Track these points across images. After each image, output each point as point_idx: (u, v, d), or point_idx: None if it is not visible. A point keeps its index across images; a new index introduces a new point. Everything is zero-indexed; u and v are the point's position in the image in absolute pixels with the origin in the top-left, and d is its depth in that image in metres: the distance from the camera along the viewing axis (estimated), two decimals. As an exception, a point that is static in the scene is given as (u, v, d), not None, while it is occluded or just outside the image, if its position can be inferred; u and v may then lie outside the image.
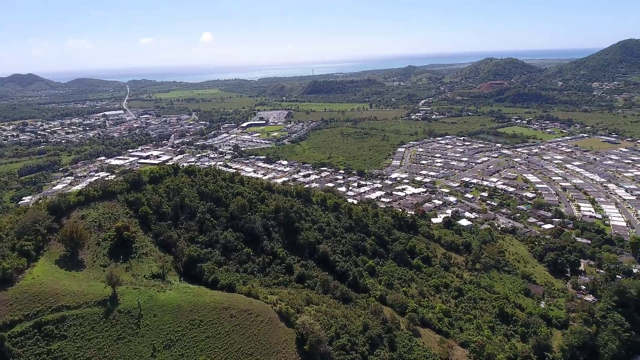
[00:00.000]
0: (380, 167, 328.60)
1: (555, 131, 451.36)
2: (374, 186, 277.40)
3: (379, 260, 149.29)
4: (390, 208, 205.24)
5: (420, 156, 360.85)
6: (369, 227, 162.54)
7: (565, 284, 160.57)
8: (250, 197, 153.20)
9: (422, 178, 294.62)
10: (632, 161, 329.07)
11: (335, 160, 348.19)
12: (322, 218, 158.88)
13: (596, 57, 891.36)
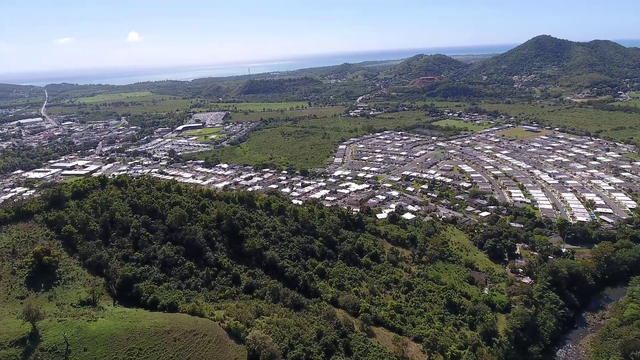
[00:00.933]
0: (322, 166, 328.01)
1: (483, 122, 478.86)
2: (318, 185, 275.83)
3: (328, 261, 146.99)
4: (335, 207, 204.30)
5: (361, 152, 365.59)
6: (316, 228, 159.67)
7: (504, 269, 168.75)
8: (189, 206, 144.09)
9: (365, 174, 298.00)
10: (552, 148, 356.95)
11: (277, 160, 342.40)
12: (268, 223, 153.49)
13: (514, 52, 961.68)
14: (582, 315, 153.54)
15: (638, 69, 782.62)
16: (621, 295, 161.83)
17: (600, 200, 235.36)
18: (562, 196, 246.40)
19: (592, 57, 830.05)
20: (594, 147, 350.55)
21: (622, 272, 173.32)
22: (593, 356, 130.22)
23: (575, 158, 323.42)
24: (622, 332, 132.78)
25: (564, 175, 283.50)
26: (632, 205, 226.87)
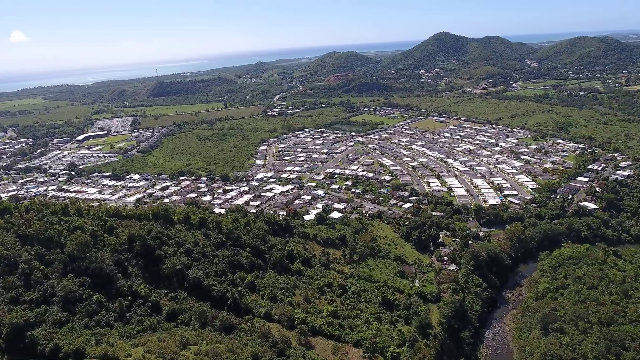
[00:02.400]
0: (244, 169, 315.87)
1: (397, 116, 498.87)
2: (241, 190, 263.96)
3: (258, 272, 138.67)
4: (261, 212, 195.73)
5: (283, 152, 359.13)
6: (242, 238, 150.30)
7: (431, 258, 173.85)
8: (93, 229, 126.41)
9: (288, 175, 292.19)
10: (460, 137, 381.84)
11: (195, 166, 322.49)
12: (188, 238, 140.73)
13: (419, 48, 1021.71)
14: (503, 294, 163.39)
15: (523, 62, 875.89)
16: (533, 271, 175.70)
17: (506, 184, 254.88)
18: (474, 182, 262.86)
19: (486, 52, 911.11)
20: (496, 134, 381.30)
21: (532, 248, 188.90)
22: (516, 332, 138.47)
23: (481, 145, 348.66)
24: (539, 306, 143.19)
25: (473, 162, 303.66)
26: (533, 186, 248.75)
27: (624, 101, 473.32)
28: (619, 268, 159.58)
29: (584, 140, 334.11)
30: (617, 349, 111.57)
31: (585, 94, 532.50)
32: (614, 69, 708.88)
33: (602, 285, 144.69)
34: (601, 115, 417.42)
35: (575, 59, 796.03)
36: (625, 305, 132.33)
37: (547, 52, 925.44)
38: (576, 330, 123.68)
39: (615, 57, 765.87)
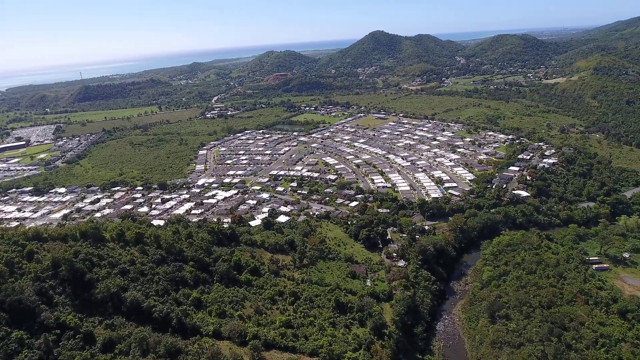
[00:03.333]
0: (183, 175, 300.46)
1: (338, 114, 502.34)
2: (181, 198, 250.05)
3: (204, 287, 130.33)
4: (204, 221, 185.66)
5: (224, 156, 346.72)
6: (185, 252, 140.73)
7: (380, 256, 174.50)
8: (8, 257, 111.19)
9: (231, 179, 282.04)
10: (400, 132, 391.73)
11: (129, 175, 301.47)
12: (123, 257, 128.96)
13: (356, 46, 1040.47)
14: (450, 285, 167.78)
15: (453, 58, 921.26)
16: (476, 260, 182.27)
17: (446, 176, 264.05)
18: (416, 176, 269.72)
19: (419, 50, 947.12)
20: (433, 129, 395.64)
21: (473, 238, 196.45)
22: (466, 322, 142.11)
23: (420, 140, 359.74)
24: (485, 295, 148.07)
25: (414, 157, 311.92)
26: (470, 177, 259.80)
27: (544, 94, 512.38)
28: (552, 251, 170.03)
29: (512, 132, 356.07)
30: (558, 330, 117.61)
31: (510, 88, 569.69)
32: (533, 64, 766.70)
33: (540, 270, 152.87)
34: (525, 108, 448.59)
35: (499, 55, 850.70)
36: (561, 287, 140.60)
37: (474, 49, 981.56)
38: (520, 316, 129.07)
39: (533, 53, 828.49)
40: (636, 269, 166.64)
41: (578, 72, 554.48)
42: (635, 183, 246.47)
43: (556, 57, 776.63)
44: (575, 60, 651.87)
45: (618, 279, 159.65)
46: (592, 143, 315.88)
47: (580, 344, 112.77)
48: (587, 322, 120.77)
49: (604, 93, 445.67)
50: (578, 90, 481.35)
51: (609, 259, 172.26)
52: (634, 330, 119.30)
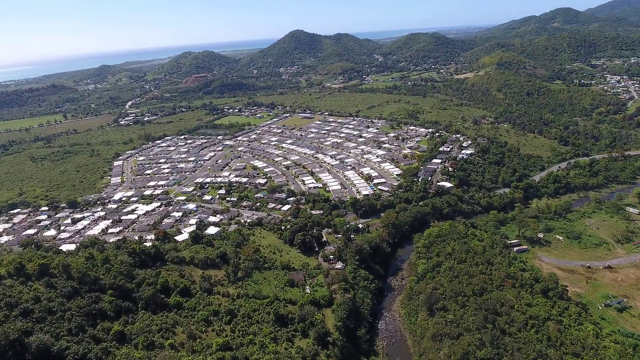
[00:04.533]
0: (97, 190, 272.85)
1: (264, 115, 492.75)
2: (96, 216, 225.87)
3: (128, 317, 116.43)
4: (123, 241, 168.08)
5: (144, 166, 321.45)
6: (101, 279, 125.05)
7: (317, 260, 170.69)
8: None
9: (152, 191, 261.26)
10: (327, 131, 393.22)
11: (31, 195, 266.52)
12: (25, 295, 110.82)
13: (277, 46, 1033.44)
14: (388, 281, 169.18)
15: (371, 56, 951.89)
16: (410, 253, 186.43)
17: (374, 173, 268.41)
18: (346, 175, 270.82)
19: (339, 48, 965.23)
20: (358, 126, 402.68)
21: (405, 232, 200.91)
22: (406, 318, 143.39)
23: (347, 138, 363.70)
24: (421, 288, 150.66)
25: (342, 155, 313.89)
26: (397, 172, 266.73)
27: (456, 88, 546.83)
28: (478, 238, 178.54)
29: (431, 125, 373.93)
30: (492, 317, 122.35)
31: (426, 83, 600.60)
32: (444, 61, 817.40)
33: (469, 258, 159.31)
34: (441, 102, 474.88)
35: (413, 53, 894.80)
36: (490, 273, 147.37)
37: (390, 47, 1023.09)
38: (457, 306, 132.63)
39: (444, 50, 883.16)
40: (550, 248, 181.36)
41: (484, 67, 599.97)
42: (542, 168, 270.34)
43: (464, 54, 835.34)
44: (480, 56, 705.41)
45: (536, 259, 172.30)
46: (502, 132, 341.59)
47: (513, 327, 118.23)
48: (517, 305, 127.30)
49: (508, 86, 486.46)
50: (485, 84, 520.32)
51: (527, 240, 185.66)
52: (556, 308, 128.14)
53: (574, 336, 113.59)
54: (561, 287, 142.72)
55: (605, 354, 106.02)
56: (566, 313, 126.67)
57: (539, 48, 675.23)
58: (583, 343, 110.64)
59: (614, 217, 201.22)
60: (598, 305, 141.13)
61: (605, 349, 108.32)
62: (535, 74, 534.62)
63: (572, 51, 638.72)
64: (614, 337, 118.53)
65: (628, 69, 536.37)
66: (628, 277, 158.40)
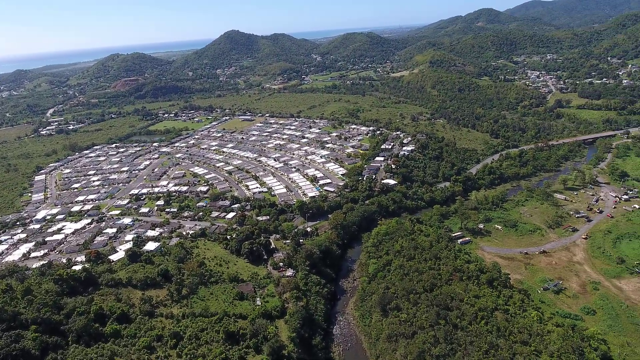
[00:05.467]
0: (16, 209, 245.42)
1: (202, 119, 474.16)
2: (15, 239, 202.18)
3: (57, 354, 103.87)
4: (49, 266, 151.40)
5: (70, 179, 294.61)
6: (23, 314, 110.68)
7: (267, 268, 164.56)
8: None
9: (81, 206, 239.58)
10: (269, 133, 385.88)
11: None
12: None
13: (212, 47, 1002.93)
14: (340, 284, 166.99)
15: (310, 56, 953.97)
16: (360, 253, 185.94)
17: (319, 174, 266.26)
18: (291, 177, 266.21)
19: (276, 48, 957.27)
20: (300, 127, 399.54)
21: (354, 232, 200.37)
22: (360, 320, 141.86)
23: (289, 139, 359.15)
24: (373, 288, 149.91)
25: (286, 157, 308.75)
26: (342, 172, 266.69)
27: (393, 86, 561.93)
28: (424, 234, 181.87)
29: (372, 123, 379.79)
30: (444, 312, 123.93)
31: (364, 82, 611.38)
32: (380, 60, 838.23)
33: (417, 254, 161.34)
34: (379, 100, 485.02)
35: (350, 52, 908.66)
36: (439, 268, 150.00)
37: (328, 47, 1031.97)
38: (409, 304, 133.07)
39: (379, 50, 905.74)
40: (490, 237, 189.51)
41: (418, 65, 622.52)
42: (477, 160, 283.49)
43: (398, 53, 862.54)
44: (414, 55, 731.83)
45: (479, 249, 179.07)
46: (438, 128, 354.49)
47: (464, 321, 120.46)
48: (466, 298, 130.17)
49: (441, 83, 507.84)
50: (420, 82, 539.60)
51: (469, 231, 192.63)
52: (502, 297, 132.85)
53: (520, 324, 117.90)
54: (504, 275, 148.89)
55: (550, 338, 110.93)
56: (511, 301, 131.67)
57: (466, 46, 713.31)
58: (529, 330, 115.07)
59: (544, 204, 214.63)
60: (537, 289, 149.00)
61: (550, 334, 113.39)
62: (465, 71, 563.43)
63: (496, 49, 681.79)
64: (555, 320, 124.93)
65: (545, 65, 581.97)
66: (561, 260, 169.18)
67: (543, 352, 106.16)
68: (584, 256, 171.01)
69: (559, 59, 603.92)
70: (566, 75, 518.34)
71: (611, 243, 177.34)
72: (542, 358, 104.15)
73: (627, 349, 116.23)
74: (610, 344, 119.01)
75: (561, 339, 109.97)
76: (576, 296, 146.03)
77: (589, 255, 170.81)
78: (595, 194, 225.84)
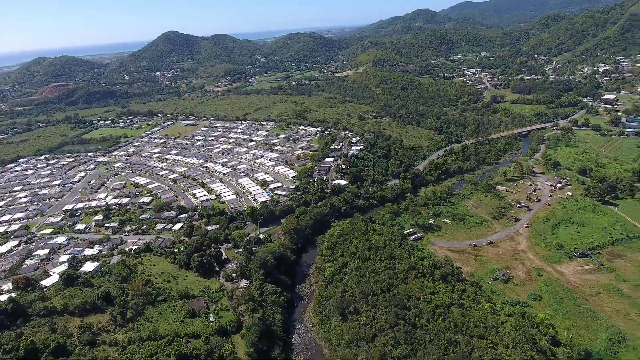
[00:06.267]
0: None
1: (142, 125, 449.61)
2: None
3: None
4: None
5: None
6: None
7: (219, 281, 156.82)
8: None
9: (7, 227, 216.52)
10: (215, 137, 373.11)
11: None
12: None
13: (149, 48, 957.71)
14: (297, 290, 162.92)
15: (253, 57, 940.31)
16: (315, 257, 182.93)
17: (270, 177, 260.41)
18: (240, 182, 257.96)
19: (218, 50, 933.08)
20: (247, 129, 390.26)
21: (308, 236, 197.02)
22: (319, 327, 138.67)
23: (237, 143, 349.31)
24: (331, 293, 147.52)
25: (234, 162, 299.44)
26: (293, 174, 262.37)
27: (338, 86, 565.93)
28: (378, 233, 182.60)
29: (320, 124, 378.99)
30: (402, 312, 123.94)
31: (309, 82, 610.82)
32: (325, 60, 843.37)
33: (373, 255, 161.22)
34: (326, 100, 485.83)
35: (294, 53, 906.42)
36: (394, 267, 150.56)
37: (271, 47, 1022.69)
38: (368, 307, 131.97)
39: (323, 50, 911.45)
40: (441, 232, 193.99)
41: (361, 65, 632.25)
42: (424, 157, 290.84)
43: (341, 53, 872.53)
44: (357, 54, 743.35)
45: (431, 244, 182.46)
46: (385, 126, 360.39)
47: (422, 319, 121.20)
48: (422, 296, 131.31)
49: (385, 82, 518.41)
50: (365, 81, 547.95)
51: (420, 227, 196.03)
52: (456, 292, 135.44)
53: (476, 318, 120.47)
54: (456, 269, 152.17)
55: (504, 330, 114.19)
56: (465, 295, 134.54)
57: (407, 46, 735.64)
58: (485, 323, 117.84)
59: (488, 196, 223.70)
60: (488, 280, 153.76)
61: (504, 325, 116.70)
62: (407, 70, 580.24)
63: (435, 48, 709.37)
64: (507, 310, 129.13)
65: (480, 63, 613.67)
66: (507, 249, 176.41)
67: (499, 344, 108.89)
68: (527, 244, 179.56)
69: (491, 56, 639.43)
70: (499, 72, 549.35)
71: (550, 230, 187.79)
72: (499, 350, 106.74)
73: (572, 331, 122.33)
74: (558, 328, 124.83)
75: (514, 329, 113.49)
76: (523, 284, 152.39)
77: (531, 243, 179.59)
78: (533, 184, 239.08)
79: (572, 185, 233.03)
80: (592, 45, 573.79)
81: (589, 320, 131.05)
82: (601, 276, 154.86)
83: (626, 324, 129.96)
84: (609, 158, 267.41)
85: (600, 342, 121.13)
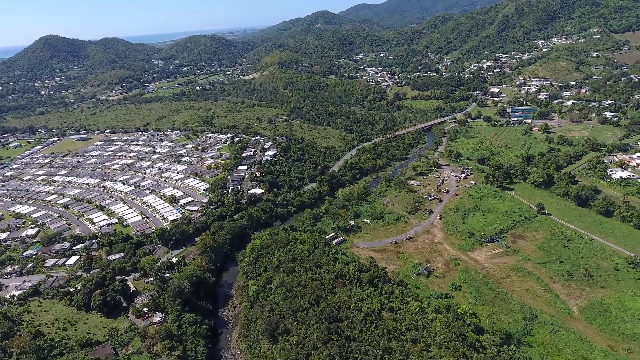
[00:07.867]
0: None
1: (22, 143, 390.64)
2: None
3: None
4: None
5: None
6: None
7: (128, 319, 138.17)
8: None
9: None
10: (112, 152, 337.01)
11: None
12: None
13: (26, 55, 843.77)
14: (220, 315, 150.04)
15: (151, 62, 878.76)
16: (236, 275, 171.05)
17: (179, 192, 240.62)
18: (145, 201, 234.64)
19: (109, 55, 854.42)
20: (149, 141, 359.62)
21: (227, 252, 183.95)
22: (248, 353, 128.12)
23: (138, 156, 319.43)
24: (257, 313, 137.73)
25: (136, 178, 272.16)
26: (204, 187, 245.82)
27: (245, 89, 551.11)
28: (300, 241, 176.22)
29: (229, 130, 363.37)
30: (334, 326, 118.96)
31: (215, 87, 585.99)
32: (229, 62, 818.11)
33: (297, 266, 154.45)
34: (233, 104, 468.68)
35: (195, 56, 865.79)
36: (321, 277, 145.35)
37: (170, 51, 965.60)
38: (298, 324, 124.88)
39: (226, 52, 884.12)
40: (362, 232, 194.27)
41: (267, 67, 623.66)
42: (337, 157, 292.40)
43: (246, 55, 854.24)
44: (262, 56, 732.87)
45: (353, 247, 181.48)
46: (297, 129, 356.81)
47: (355, 330, 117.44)
48: (352, 305, 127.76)
49: (292, 84, 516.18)
50: (272, 83, 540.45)
51: (342, 230, 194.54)
52: (384, 295, 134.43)
53: (407, 321, 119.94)
54: (381, 270, 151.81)
55: (435, 329, 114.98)
56: (393, 297, 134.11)
57: (310, 47, 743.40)
58: (416, 325, 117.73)
59: (402, 192, 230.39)
60: (411, 276, 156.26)
61: (433, 323, 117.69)
62: (313, 71, 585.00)
63: (337, 49, 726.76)
64: (433, 305, 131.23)
65: (380, 62, 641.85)
66: (425, 243, 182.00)
67: (432, 346, 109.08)
68: (442, 236, 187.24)
69: (390, 55, 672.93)
70: (399, 70, 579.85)
71: (461, 219, 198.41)
72: (433, 352, 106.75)
73: (493, 317, 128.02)
74: (480, 315, 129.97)
75: (444, 327, 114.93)
76: (443, 275, 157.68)
77: (446, 234, 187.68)
78: (440, 176, 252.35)
79: (474, 174, 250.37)
80: (475, 43, 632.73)
81: (504, 302, 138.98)
82: (509, 258, 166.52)
83: (535, 301, 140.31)
84: (501, 146, 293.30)
85: (516, 322, 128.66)
